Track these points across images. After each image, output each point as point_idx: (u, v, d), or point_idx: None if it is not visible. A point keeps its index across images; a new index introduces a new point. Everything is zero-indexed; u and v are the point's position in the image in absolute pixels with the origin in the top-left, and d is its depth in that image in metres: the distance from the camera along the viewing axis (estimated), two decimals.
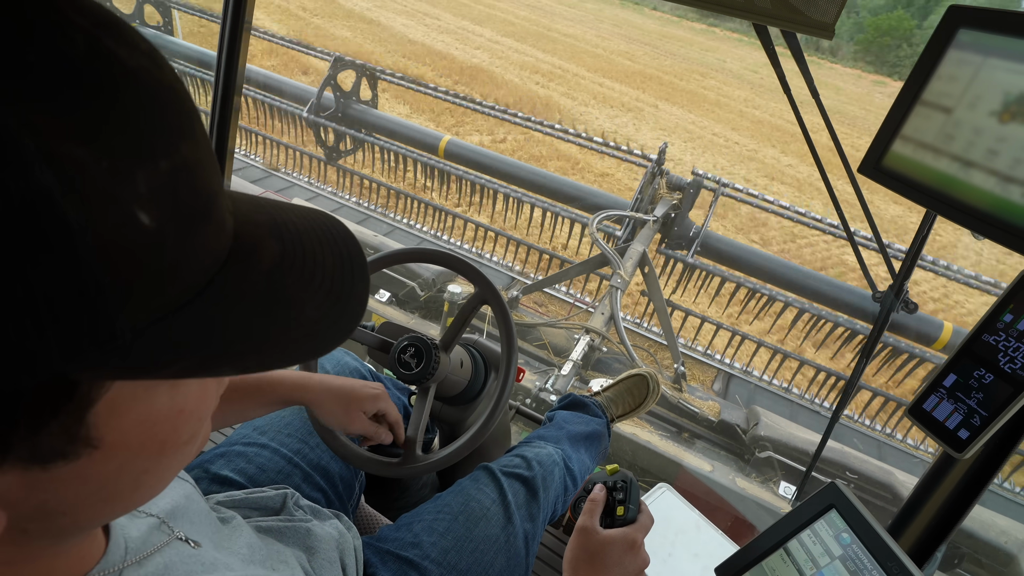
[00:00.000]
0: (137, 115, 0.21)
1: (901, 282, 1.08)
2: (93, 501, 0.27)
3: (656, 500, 1.33)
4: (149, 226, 0.21)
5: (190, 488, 0.51)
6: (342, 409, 0.77)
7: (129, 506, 0.30)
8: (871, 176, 0.63)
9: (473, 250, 4.71)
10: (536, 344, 3.73)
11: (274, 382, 0.76)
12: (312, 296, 0.26)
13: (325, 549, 0.70)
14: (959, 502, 0.65)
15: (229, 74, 1.14)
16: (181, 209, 0.22)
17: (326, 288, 0.27)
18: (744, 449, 3.12)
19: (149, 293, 0.21)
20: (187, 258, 0.22)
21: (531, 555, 0.88)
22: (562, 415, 1.21)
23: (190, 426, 0.29)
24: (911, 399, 0.62)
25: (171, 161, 0.22)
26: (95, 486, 0.26)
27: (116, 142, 0.20)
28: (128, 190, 0.20)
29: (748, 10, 0.74)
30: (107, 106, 0.20)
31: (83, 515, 0.27)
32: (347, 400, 0.78)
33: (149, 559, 0.37)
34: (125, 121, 0.20)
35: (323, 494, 0.87)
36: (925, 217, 1.00)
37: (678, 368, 3.53)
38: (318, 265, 0.27)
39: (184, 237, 0.22)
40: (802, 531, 0.63)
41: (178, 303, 0.22)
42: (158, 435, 0.27)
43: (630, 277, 3.41)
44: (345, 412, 0.77)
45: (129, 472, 0.27)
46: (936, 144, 0.57)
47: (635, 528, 0.68)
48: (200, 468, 0.82)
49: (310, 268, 0.27)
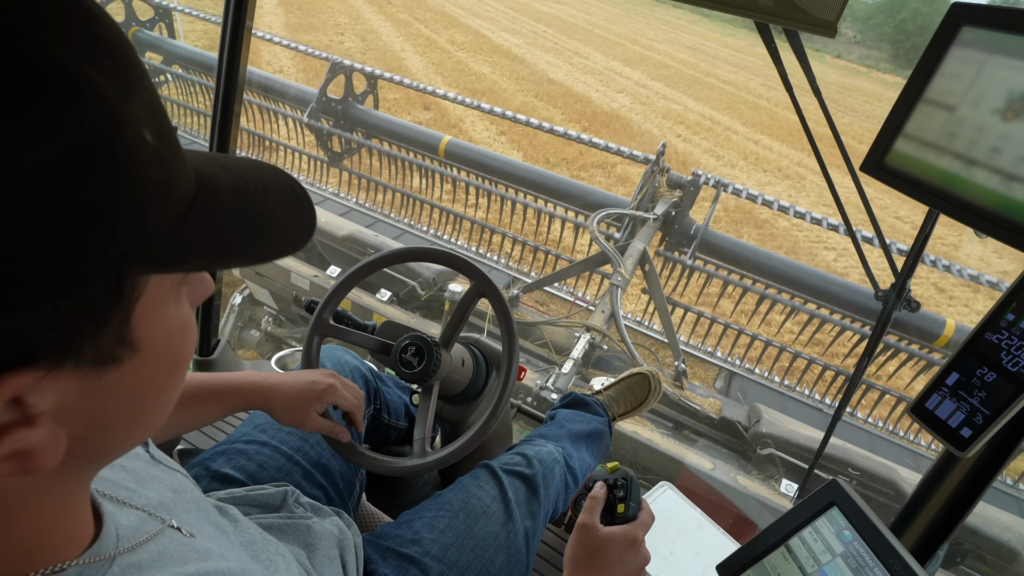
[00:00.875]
0: (121, 45, 0.25)
1: (903, 281, 1.08)
2: (127, 417, 0.31)
3: (657, 498, 1.34)
4: (152, 143, 0.25)
5: (181, 479, 0.51)
6: (291, 411, 0.77)
7: (149, 428, 0.34)
8: (873, 174, 0.63)
9: (474, 249, 4.71)
10: (537, 343, 3.73)
11: (231, 387, 0.76)
12: (272, 207, 0.32)
13: (325, 546, 0.70)
14: (962, 500, 0.64)
15: (230, 77, 1.14)
16: (165, 132, 0.27)
17: (281, 202, 0.33)
18: (746, 447, 3.12)
19: (164, 200, 0.26)
20: (180, 173, 0.28)
21: (531, 552, 0.88)
22: (563, 413, 1.21)
23: (188, 347, 0.34)
24: (913, 397, 0.62)
25: (148, 90, 0.26)
26: (131, 397, 0.30)
27: (119, 70, 0.24)
28: (134, 112, 0.24)
29: (750, 8, 0.74)
30: (106, 37, 0.24)
31: (117, 435, 0.32)
32: (295, 402, 0.77)
33: (142, 547, 0.37)
34: (118, 51, 0.24)
35: (324, 492, 0.87)
36: (928, 216, 1.00)
37: (679, 366, 3.52)
38: (268, 187, 0.33)
39: (174, 154, 0.27)
40: (804, 528, 0.63)
41: (181, 211, 0.27)
42: (174, 345, 0.32)
43: (631, 275, 3.41)
44: (295, 414, 0.77)
45: (155, 385, 0.32)
46: (939, 142, 0.57)
47: (636, 526, 0.68)
48: (201, 466, 0.82)
49: (262, 189, 0.32)
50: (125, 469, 0.45)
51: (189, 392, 0.74)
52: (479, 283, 0.89)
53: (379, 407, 1.04)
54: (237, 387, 0.77)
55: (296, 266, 3.58)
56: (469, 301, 0.90)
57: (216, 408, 0.76)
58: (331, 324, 0.92)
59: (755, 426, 3.06)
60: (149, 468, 0.48)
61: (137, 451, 0.49)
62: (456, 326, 0.90)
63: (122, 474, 0.44)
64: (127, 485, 0.43)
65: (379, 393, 1.04)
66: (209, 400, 0.75)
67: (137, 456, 0.48)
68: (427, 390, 0.89)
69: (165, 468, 0.50)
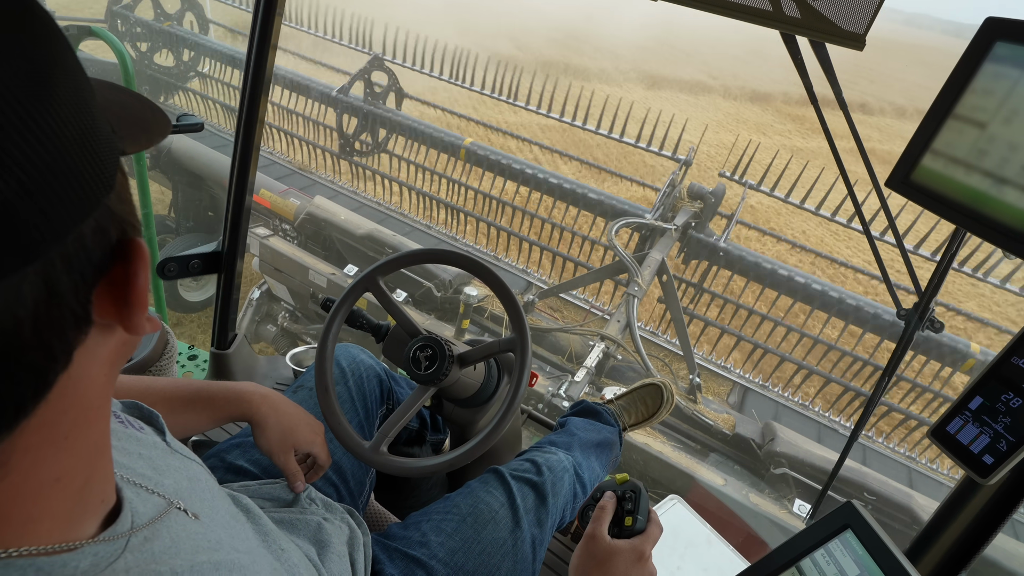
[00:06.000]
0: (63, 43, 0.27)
1: (927, 300, 1.06)
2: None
3: (666, 512, 1.32)
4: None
5: (197, 469, 0.52)
6: (278, 438, 0.76)
7: None
8: (898, 190, 0.62)
9: (490, 252, 4.72)
10: (550, 349, 3.71)
11: (229, 396, 0.76)
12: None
13: (335, 544, 0.70)
14: (982, 528, 0.62)
15: (258, 73, 1.15)
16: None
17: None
18: (759, 464, 3.06)
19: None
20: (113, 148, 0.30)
21: (538, 560, 0.87)
22: (574, 422, 1.20)
23: None
24: (934, 420, 0.60)
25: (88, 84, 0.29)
26: None
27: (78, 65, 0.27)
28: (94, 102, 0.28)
29: (775, 19, 0.73)
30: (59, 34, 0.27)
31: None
32: (285, 432, 0.76)
33: (156, 533, 0.38)
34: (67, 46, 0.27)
35: (335, 489, 0.88)
36: (954, 234, 0.97)
37: (693, 379, 3.48)
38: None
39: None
40: (816, 550, 0.62)
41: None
42: None
43: (647, 285, 3.38)
44: (280, 442, 0.76)
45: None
46: (968, 159, 0.55)
47: (643, 539, 0.67)
48: (216, 457, 0.83)
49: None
50: (143, 457, 0.46)
51: (184, 399, 0.73)
52: (494, 287, 0.89)
53: (391, 407, 1.05)
54: (236, 397, 0.76)
55: (314, 263, 3.62)
56: (502, 349, 0.88)
57: (209, 417, 0.75)
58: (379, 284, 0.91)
59: (769, 444, 3.01)
60: (166, 457, 0.49)
61: (154, 440, 0.50)
62: (481, 356, 0.89)
63: (140, 462, 0.45)
64: (145, 472, 0.44)
65: (392, 393, 1.05)
66: (204, 408, 0.74)
67: (154, 445, 0.49)
68: (422, 389, 0.89)
69: (181, 457, 0.51)
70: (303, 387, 0.96)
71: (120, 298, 0.29)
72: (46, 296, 0.25)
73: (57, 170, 0.24)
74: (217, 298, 1.41)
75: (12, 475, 0.28)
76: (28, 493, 0.29)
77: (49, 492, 0.30)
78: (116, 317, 0.30)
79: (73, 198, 0.25)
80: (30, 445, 0.28)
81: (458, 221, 4.83)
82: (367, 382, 0.99)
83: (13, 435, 0.27)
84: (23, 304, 0.24)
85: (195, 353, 1.96)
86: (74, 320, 0.27)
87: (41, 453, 0.29)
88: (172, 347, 1.31)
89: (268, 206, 4.18)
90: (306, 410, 0.82)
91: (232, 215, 1.29)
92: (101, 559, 0.33)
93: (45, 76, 0.24)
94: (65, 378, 0.28)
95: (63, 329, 0.27)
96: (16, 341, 0.24)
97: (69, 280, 0.26)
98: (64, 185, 0.25)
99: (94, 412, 0.32)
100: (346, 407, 0.94)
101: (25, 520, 0.30)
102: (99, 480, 0.35)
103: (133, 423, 0.50)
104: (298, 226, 4.10)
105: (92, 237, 0.27)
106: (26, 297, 0.24)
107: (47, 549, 0.30)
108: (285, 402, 0.79)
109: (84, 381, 0.30)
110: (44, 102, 0.24)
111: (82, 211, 0.26)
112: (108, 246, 0.28)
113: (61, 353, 0.27)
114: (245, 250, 1.36)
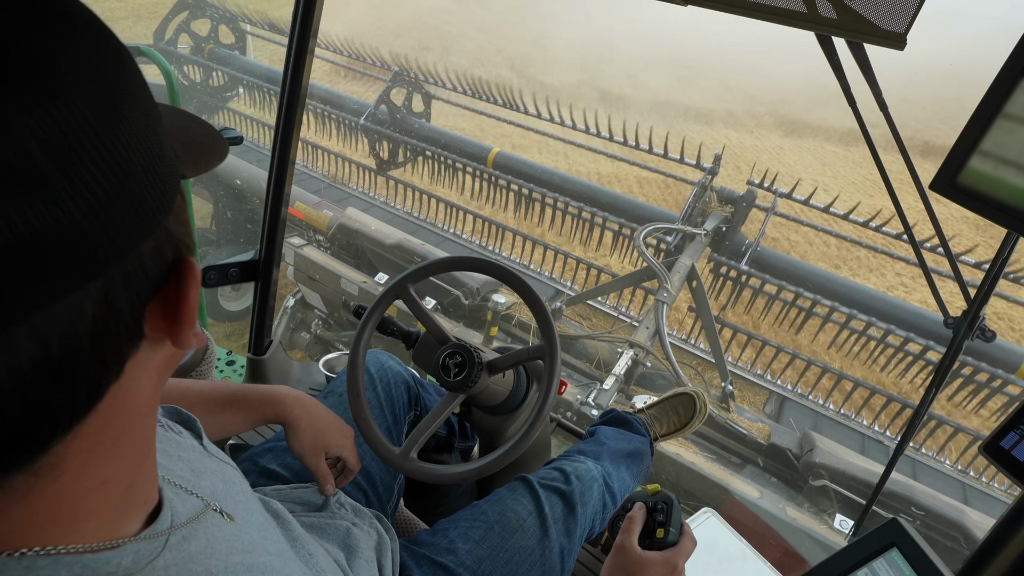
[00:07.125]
0: None
1: (977, 308, 1.00)
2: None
3: (700, 525, 1.28)
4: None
5: (232, 472, 0.53)
6: (310, 441, 0.77)
7: None
8: (944, 193, 0.59)
9: (519, 261, 4.73)
10: (578, 357, 3.69)
11: (264, 399, 0.78)
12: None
13: (364, 549, 0.71)
14: None
15: (294, 89, 1.19)
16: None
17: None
18: (796, 476, 2.96)
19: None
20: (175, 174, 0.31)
21: (566, 571, 0.86)
22: (604, 431, 1.18)
23: None
24: (987, 434, 0.57)
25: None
26: None
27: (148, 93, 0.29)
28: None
29: (811, 20, 0.71)
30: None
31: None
32: (317, 435, 0.78)
33: (194, 534, 0.39)
34: None
35: (364, 494, 0.89)
36: (1006, 238, 0.92)
37: (726, 387, 3.40)
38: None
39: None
40: (858, 569, 0.59)
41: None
42: None
43: (677, 291, 3.33)
44: (311, 444, 0.77)
45: None
46: (1019, 160, 0.53)
47: (676, 552, 0.66)
48: (249, 461, 0.86)
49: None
50: (182, 459, 0.48)
51: (220, 400, 0.76)
52: (523, 293, 0.89)
53: (419, 413, 1.06)
54: (271, 399, 0.79)
55: (346, 271, 3.70)
56: (531, 357, 0.88)
57: (245, 418, 0.78)
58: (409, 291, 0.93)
59: (807, 455, 2.90)
60: (203, 460, 0.50)
61: (192, 443, 0.52)
62: (509, 363, 0.89)
63: (179, 464, 0.47)
64: (183, 474, 0.45)
65: (420, 399, 1.06)
66: (240, 409, 0.77)
67: (192, 448, 0.51)
68: (451, 397, 0.89)
69: (217, 461, 0.53)
70: (334, 392, 0.97)
71: (171, 314, 0.31)
72: (105, 311, 0.26)
73: (123, 194, 0.25)
74: (254, 305, 1.45)
75: (62, 478, 0.29)
76: (77, 495, 0.31)
77: (96, 494, 0.32)
78: (166, 332, 0.31)
79: (136, 220, 0.26)
80: (81, 450, 0.29)
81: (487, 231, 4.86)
82: (395, 388, 1.00)
83: (66, 440, 0.28)
84: (84, 318, 0.25)
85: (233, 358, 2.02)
86: (128, 334, 0.29)
87: (90, 458, 0.30)
88: (212, 353, 1.36)
89: (303, 218, 4.32)
90: (337, 415, 0.83)
91: (268, 226, 1.34)
92: (142, 557, 0.34)
93: (118, 104, 0.25)
94: (116, 388, 0.29)
95: (118, 343, 0.28)
96: (75, 353, 0.25)
97: (126, 296, 0.27)
98: (128, 208, 0.26)
99: (141, 420, 0.34)
100: (375, 413, 0.95)
101: (73, 520, 0.31)
102: (143, 482, 0.36)
103: (172, 427, 0.52)
104: (331, 236, 4.22)
105: (150, 256, 0.28)
106: (87, 312, 0.25)
107: (92, 547, 0.32)
108: (317, 406, 0.81)
109: (133, 391, 0.31)
110: (116, 129, 0.25)
111: (143, 232, 0.27)
112: (164, 265, 0.30)
113: (114, 365, 0.29)
114: (280, 259, 1.40)
